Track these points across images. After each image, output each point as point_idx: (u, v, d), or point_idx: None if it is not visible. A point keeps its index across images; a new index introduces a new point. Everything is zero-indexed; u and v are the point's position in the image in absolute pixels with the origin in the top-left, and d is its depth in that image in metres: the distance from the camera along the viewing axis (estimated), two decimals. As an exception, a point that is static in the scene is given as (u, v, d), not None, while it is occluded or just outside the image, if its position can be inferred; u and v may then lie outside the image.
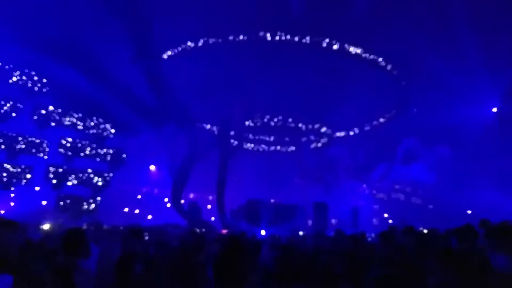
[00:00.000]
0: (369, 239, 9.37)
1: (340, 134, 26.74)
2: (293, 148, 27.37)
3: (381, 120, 25.19)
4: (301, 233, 18.73)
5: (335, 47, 18.86)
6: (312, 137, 27.22)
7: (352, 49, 19.05)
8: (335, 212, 26.30)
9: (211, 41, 18.87)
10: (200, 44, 19.09)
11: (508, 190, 19.69)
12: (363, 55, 19.37)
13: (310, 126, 25.39)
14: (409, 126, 23.20)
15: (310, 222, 22.20)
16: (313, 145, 27.68)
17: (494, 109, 21.23)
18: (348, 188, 28.19)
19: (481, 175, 22.64)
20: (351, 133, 26.31)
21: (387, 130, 24.69)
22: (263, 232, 20.73)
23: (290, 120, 24.60)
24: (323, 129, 26.13)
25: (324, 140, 27.32)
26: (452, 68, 17.67)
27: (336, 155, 27.05)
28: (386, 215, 28.56)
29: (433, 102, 20.75)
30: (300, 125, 25.13)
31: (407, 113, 23.23)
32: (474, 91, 19.33)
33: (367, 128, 25.78)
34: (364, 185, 29.21)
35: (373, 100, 21.45)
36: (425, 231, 8.96)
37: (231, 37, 18.62)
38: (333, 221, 25.54)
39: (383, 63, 20.14)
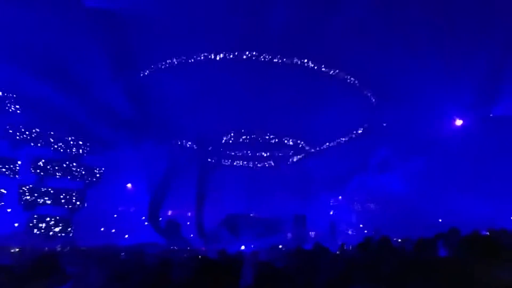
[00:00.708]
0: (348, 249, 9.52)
1: (316, 148, 27.28)
2: (271, 162, 27.62)
3: (354, 134, 25.94)
4: (280, 246, 18.78)
5: (311, 66, 19.40)
6: (290, 152, 27.61)
7: (326, 69, 19.69)
8: (314, 225, 26.50)
9: (190, 59, 18.96)
10: (178, 61, 19.15)
11: (479, 197, 20.43)
12: (337, 74, 20.05)
13: (287, 141, 25.78)
14: (382, 138, 23.92)
15: (289, 235, 22.26)
16: (290, 159, 28.04)
17: (459, 122, 22.33)
18: (325, 200, 28.56)
19: (453, 185, 23.50)
20: (326, 146, 26.89)
21: (361, 143, 25.40)
22: (242, 247, 20.64)
23: (268, 135, 24.90)
24: (300, 144, 26.59)
25: (301, 154, 27.75)
26: (420, 83, 18.54)
27: (313, 168, 27.45)
28: (361, 225, 29.01)
29: (406, 115, 21.51)
30: (277, 140, 25.48)
31: (379, 126, 23.99)
32: (442, 104, 20.25)
33: (341, 141, 26.44)
34: (340, 197, 29.66)
35: (347, 115, 22.08)
36: (399, 240, 9.18)
37: (209, 55, 18.78)
38: (312, 233, 25.72)
39: (355, 82, 20.92)
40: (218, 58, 18.73)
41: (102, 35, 17.17)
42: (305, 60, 19.25)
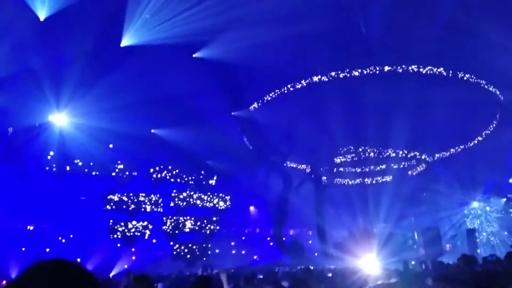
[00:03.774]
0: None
1: (438, 156, 25.39)
2: (390, 177, 26.59)
3: (481, 136, 23.53)
4: (413, 262, 17.90)
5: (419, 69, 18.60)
6: (409, 163, 26.25)
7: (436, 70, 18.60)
8: (448, 236, 24.62)
9: (290, 87, 20.02)
10: (281, 92, 20.34)
11: None
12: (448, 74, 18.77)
13: (404, 153, 24.57)
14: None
15: (422, 250, 20.98)
16: (411, 171, 26.67)
17: None
18: (457, 209, 26.31)
19: None
20: (449, 153, 24.89)
21: (494, 142, 22.92)
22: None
23: (383, 149, 24.17)
24: (419, 154, 25.10)
25: (422, 165, 26.15)
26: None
27: (438, 176, 25.72)
28: (506, 233, 25.82)
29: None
30: (395, 153, 24.52)
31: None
32: None
33: (468, 145, 24.21)
34: (475, 203, 26.96)
35: (470, 116, 20.37)
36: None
37: (314, 79, 19.49)
38: (448, 246, 23.80)
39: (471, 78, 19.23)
40: (317, 80, 19.28)
41: (214, 79, 19.24)
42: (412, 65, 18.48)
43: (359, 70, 18.77)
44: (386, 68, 18.65)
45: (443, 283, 4.00)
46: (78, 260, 22.80)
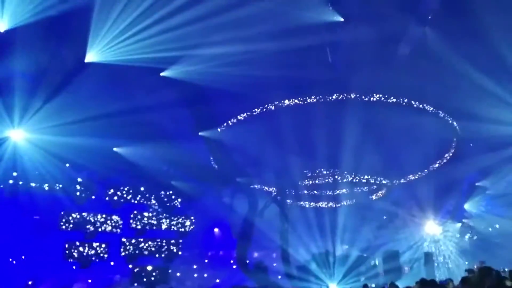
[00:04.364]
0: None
1: (400, 181, 26.51)
2: (353, 200, 27.36)
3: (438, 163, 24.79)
4: (373, 285, 18.17)
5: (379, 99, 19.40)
6: (372, 188, 27.22)
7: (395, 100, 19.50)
8: (406, 259, 25.25)
9: (261, 108, 20.22)
10: (252, 113, 20.53)
11: None
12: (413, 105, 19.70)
13: (367, 178, 25.54)
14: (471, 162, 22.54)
15: (382, 273, 21.36)
16: (373, 196, 27.56)
17: None
18: (416, 232, 27.17)
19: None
20: (409, 178, 26.02)
21: (451, 170, 24.12)
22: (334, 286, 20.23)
23: (347, 173, 24.93)
24: (382, 179, 26.11)
25: (383, 189, 27.16)
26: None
27: (399, 200, 26.61)
28: (461, 257, 26.85)
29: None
30: (357, 177, 25.41)
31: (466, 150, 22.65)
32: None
33: (424, 172, 25.41)
34: (433, 227, 27.92)
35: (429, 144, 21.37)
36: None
37: (282, 103, 19.82)
38: (406, 269, 24.41)
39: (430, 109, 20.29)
40: (289, 104, 19.63)
41: (181, 99, 19.05)
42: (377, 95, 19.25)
43: (326, 96, 19.30)
44: (352, 95, 19.29)
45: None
46: (30, 283, 21.44)
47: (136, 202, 24.47)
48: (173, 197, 25.47)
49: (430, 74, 16.92)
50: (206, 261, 29.18)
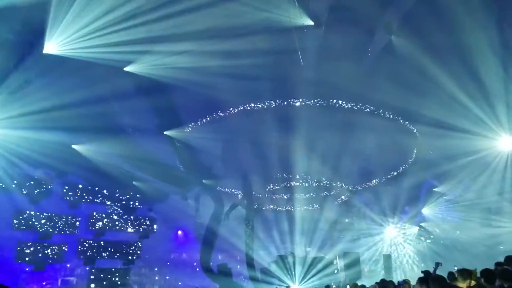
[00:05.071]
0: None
1: (362, 186, 27.25)
2: (317, 205, 27.83)
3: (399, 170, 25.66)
4: (334, 286, 18.42)
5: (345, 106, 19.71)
6: (334, 192, 27.83)
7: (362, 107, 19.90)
8: (366, 260, 25.87)
9: (228, 111, 20.01)
10: (217, 115, 20.28)
11: None
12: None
13: (330, 183, 26.13)
14: (430, 168, 23.37)
15: (343, 274, 21.71)
16: (336, 200, 28.20)
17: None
18: (376, 234, 27.91)
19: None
20: (372, 183, 26.76)
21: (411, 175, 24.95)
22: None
23: (310, 179, 25.32)
24: (345, 185, 26.75)
25: (345, 194, 27.86)
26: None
27: (360, 204, 27.26)
28: (417, 259, 27.85)
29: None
30: (321, 183, 25.92)
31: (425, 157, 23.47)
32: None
33: (385, 178, 26.23)
34: (393, 230, 28.80)
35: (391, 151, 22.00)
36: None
37: (249, 106, 19.71)
38: (366, 269, 24.99)
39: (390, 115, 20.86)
40: (255, 107, 19.54)
41: (146, 96, 18.44)
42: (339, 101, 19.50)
43: (293, 100, 19.36)
44: (319, 101, 19.45)
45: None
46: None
47: (95, 202, 23.57)
48: (134, 198, 24.74)
49: (393, 78, 17.31)
50: (168, 263, 28.58)
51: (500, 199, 23.47)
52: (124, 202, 24.53)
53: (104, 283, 23.09)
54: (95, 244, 23.36)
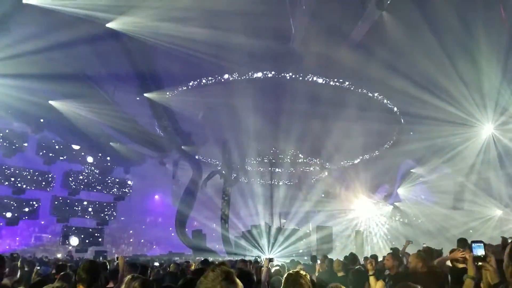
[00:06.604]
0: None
1: (340, 164, 27.62)
2: (295, 180, 28.16)
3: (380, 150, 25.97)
4: (305, 257, 18.86)
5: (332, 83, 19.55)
6: (313, 168, 28.17)
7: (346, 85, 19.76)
8: (340, 236, 26.55)
9: (212, 79, 19.57)
10: (199, 82, 19.84)
11: None
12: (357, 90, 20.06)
13: (310, 160, 26.41)
14: (408, 149, 23.69)
15: (314, 246, 22.25)
16: (314, 177, 28.61)
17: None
18: (350, 211, 28.53)
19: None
20: (349, 163, 27.18)
21: (390, 156, 25.30)
22: (265, 257, 20.70)
23: (292, 153, 25.47)
24: (322, 162, 27.11)
25: (324, 172, 28.21)
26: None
27: (337, 180, 27.72)
28: (389, 236, 28.69)
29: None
30: (300, 158, 26.17)
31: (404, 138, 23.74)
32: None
33: (364, 158, 26.58)
34: (368, 207, 29.46)
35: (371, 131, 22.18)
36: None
37: (230, 76, 19.30)
38: (336, 244, 25.69)
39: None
40: (240, 78, 19.16)
41: (127, 55, 17.82)
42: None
43: (279, 73, 19.05)
44: (307, 77, 19.19)
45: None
46: None
47: (71, 160, 23.20)
48: (111, 159, 24.42)
49: (381, 62, 17.18)
50: (143, 227, 28.73)
51: (472, 185, 24.13)
52: (100, 163, 24.22)
53: (77, 242, 23.11)
54: (70, 202, 23.17)
